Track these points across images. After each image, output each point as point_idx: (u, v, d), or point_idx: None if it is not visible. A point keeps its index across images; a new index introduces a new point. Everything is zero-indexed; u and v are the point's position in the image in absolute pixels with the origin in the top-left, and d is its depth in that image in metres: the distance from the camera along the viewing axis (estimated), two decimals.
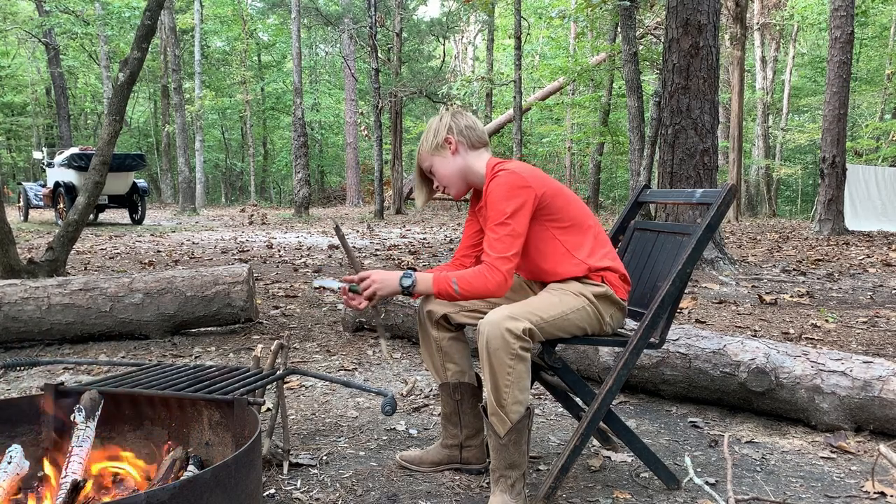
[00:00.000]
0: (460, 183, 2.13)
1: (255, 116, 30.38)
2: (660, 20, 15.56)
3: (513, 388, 1.82)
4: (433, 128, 2.15)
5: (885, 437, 2.46)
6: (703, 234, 2.01)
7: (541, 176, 2.02)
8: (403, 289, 1.97)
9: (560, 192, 2.03)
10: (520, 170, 1.98)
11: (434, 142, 2.12)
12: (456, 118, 2.14)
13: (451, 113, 2.17)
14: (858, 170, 14.88)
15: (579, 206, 2.06)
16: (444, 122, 2.13)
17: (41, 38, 22.50)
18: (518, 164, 2.03)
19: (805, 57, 28.29)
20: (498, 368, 1.80)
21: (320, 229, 13.25)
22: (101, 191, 5.64)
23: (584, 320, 1.97)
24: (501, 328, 1.79)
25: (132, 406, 1.97)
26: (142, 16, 5.71)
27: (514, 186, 1.93)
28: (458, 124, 2.12)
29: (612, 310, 2.03)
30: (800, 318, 4.56)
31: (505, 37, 29.99)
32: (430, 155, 2.13)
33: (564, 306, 1.94)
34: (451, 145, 2.10)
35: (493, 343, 1.79)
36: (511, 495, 1.88)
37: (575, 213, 2.04)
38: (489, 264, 1.91)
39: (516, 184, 1.94)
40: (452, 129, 2.11)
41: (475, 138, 2.13)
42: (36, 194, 14.96)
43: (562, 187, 2.06)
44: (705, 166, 6.66)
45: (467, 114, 2.17)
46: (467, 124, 2.13)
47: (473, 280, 1.91)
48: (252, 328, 4.34)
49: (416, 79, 20.13)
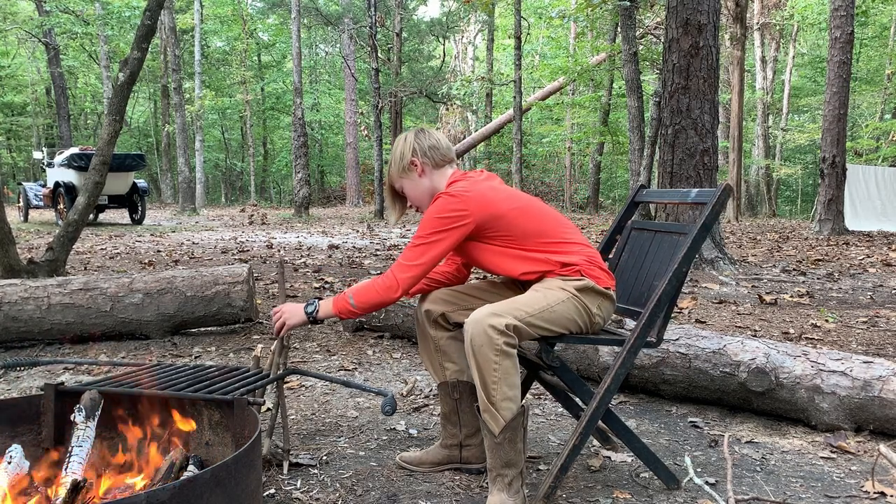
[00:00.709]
0: (430, 202, 2.14)
1: (255, 116, 30.37)
2: (660, 20, 15.56)
3: (501, 384, 1.83)
4: (399, 150, 2.17)
5: (885, 437, 2.46)
6: (698, 233, 2.02)
7: (487, 199, 2.01)
8: (308, 315, 2.06)
9: (509, 211, 2.01)
10: (465, 193, 2.00)
11: (401, 164, 2.16)
12: (419, 139, 2.16)
13: (415, 133, 2.19)
14: (858, 170, 14.88)
15: (537, 217, 2.06)
16: (409, 144, 2.15)
17: (41, 38, 22.50)
18: (467, 185, 2.04)
19: (805, 57, 28.29)
20: (484, 365, 1.82)
21: (320, 229, 13.25)
22: (101, 191, 5.64)
23: (572, 312, 1.97)
24: (484, 325, 1.82)
25: (132, 406, 1.97)
26: (142, 16, 5.71)
27: (447, 211, 1.98)
28: (422, 145, 2.15)
29: (599, 300, 2.02)
30: (800, 318, 4.56)
31: (505, 37, 29.98)
32: (399, 177, 2.18)
33: (548, 300, 1.95)
34: (417, 167, 2.15)
35: (477, 340, 1.82)
36: (509, 494, 1.88)
37: (527, 225, 2.03)
38: (389, 271, 2.01)
39: (451, 208, 1.98)
40: (416, 152, 2.14)
41: (439, 158, 2.15)
42: (36, 194, 14.95)
43: (514, 204, 2.04)
44: (705, 166, 6.66)
45: (431, 132, 2.20)
46: (431, 144, 2.15)
47: (367, 290, 1.99)
48: (252, 328, 4.34)
49: (416, 79, 20.14)
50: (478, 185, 2.05)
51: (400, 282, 1.98)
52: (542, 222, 2.06)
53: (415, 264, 1.98)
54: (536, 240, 2.03)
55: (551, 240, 2.04)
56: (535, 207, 2.09)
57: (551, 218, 2.10)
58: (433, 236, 1.98)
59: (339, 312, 2.02)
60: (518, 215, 2.03)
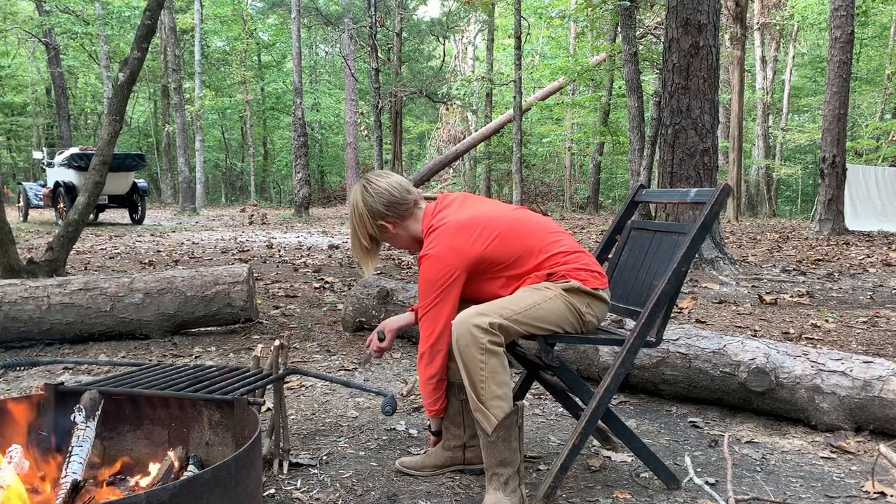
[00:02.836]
0: (415, 245, 2.18)
1: (255, 116, 30.35)
2: (660, 20, 15.56)
3: (488, 382, 1.84)
4: (357, 216, 2.13)
5: (885, 437, 2.46)
6: (697, 232, 2.02)
7: (466, 241, 1.98)
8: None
9: (490, 244, 1.99)
10: (445, 253, 1.97)
11: (368, 229, 2.13)
12: (371, 203, 2.09)
13: (363, 197, 2.10)
14: (858, 170, 14.87)
15: (519, 234, 2.03)
16: (362, 211, 2.10)
17: (41, 38, 22.48)
18: (441, 238, 2.00)
19: (805, 57, 28.27)
20: (470, 365, 1.84)
21: (320, 229, 13.25)
22: (101, 191, 5.64)
23: (560, 310, 1.97)
24: (469, 324, 1.84)
25: (132, 406, 1.97)
26: (142, 16, 5.71)
27: (436, 275, 1.98)
28: (378, 209, 2.09)
29: (587, 300, 2.02)
30: (800, 318, 4.56)
31: (505, 37, 29.96)
32: (372, 238, 2.17)
33: (534, 298, 1.96)
34: (390, 228, 2.13)
35: (462, 340, 1.83)
36: (505, 493, 1.88)
37: (515, 245, 2.02)
38: (422, 353, 2.07)
39: (438, 272, 1.98)
40: (378, 214, 2.10)
41: (403, 210, 2.12)
42: (36, 194, 14.95)
43: (493, 233, 2.00)
44: (705, 166, 6.66)
45: (379, 184, 2.10)
46: (387, 201, 2.09)
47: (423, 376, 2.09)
48: (252, 328, 4.34)
49: (416, 79, 20.12)
50: (448, 233, 2.00)
51: (437, 351, 2.03)
52: (523, 240, 2.03)
53: (437, 332, 2.01)
54: (523, 260, 2.03)
55: (538, 258, 2.03)
56: (514, 230, 2.03)
57: (532, 232, 2.06)
58: (435, 300, 2.00)
59: (433, 415, 2.17)
60: (497, 246, 2.01)
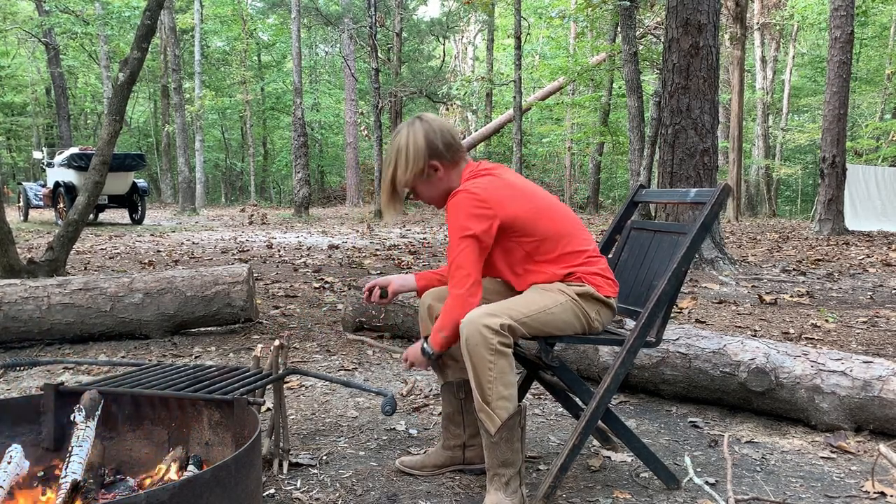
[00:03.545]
0: (445, 199, 2.06)
1: (255, 116, 30.37)
2: (660, 20, 15.56)
3: (496, 383, 1.83)
4: (410, 152, 1.99)
5: (885, 437, 2.46)
6: (697, 232, 2.02)
7: (506, 197, 1.95)
8: (428, 357, 2.02)
9: (526, 211, 1.96)
10: (482, 190, 1.93)
11: (415, 168, 2.00)
12: (433, 138, 1.99)
13: (424, 131, 2.00)
14: (858, 170, 14.88)
15: (552, 218, 2.01)
16: (420, 145, 1.99)
17: (41, 38, 22.48)
18: (485, 182, 1.97)
19: (805, 57, 28.28)
20: (479, 365, 1.82)
21: (320, 229, 13.25)
22: (101, 191, 5.64)
23: (569, 315, 1.96)
24: (479, 325, 1.81)
25: (132, 406, 1.97)
26: (142, 16, 5.71)
27: (472, 207, 1.91)
28: (438, 146, 1.99)
29: (598, 307, 2.02)
30: (800, 318, 4.56)
31: (505, 37, 29.98)
32: (412, 181, 2.03)
33: (545, 302, 1.94)
34: (441, 171, 2.03)
35: (472, 340, 1.81)
36: (506, 493, 1.88)
37: (546, 226, 1.99)
38: (449, 293, 1.94)
39: (475, 204, 1.91)
40: (435, 153, 2.00)
41: (457, 155, 2.04)
42: (36, 194, 14.95)
43: (531, 204, 1.98)
44: (705, 166, 6.66)
45: (441, 125, 2.02)
46: (446, 142, 2.01)
47: (447, 316, 1.93)
48: (252, 328, 4.34)
49: (416, 79, 20.13)
50: (490, 185, 1.96)
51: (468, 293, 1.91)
52: (556, 225, 2.00)
53: (468, 287, 1.90)
54: (550, 243, 1.98)
55: (563, 248, 1.99)
56: (550, 210, 2.01)
57: (565, 220, 2.03)
58: (465, 239, 1.90)
59: (440, 349, 1.99)
60: (533, 217, 1.96)
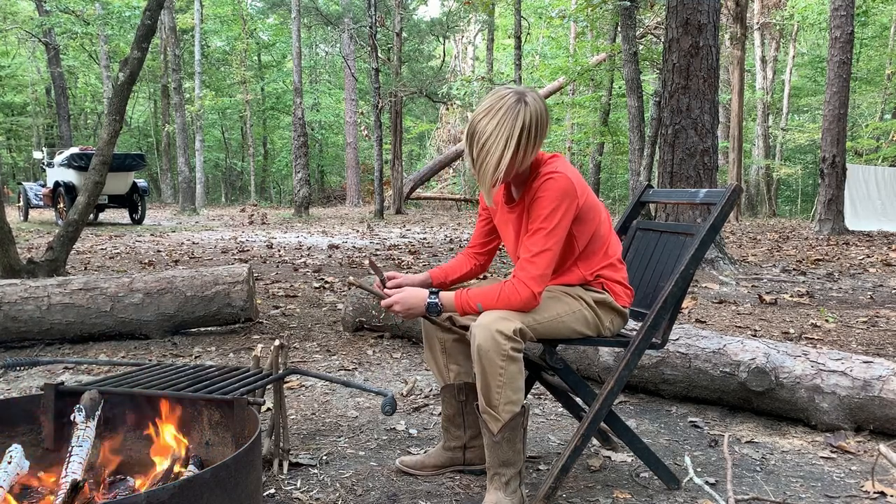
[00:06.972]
0: (520, 181, 1.97)
1: (255, 116, 30.37)
2: (660, 20, 15.55)
3: (505, 388, 1.82)
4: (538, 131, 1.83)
5: (885, 437, 2.46)
6: (706, 234, 2.00)
7: (582, 183, 1.91)
8: (430, 310, 1.93)
9: (589, 202, 1.93)
10: (570, 174, 1.87)
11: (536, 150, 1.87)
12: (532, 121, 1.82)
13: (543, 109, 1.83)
14: (858, 170, 14.87)
15: (600, 215, 1.98)
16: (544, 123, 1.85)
17: (41, 37, 22.48)
18: (564, 165, 1.91)
19: (805, 57, 28.27)
20: (489, 370, 1.80)
21: (320, 229, 13.24)
22: (101, 191, 5.64)
23: (581, 323, 1.95)
24: (492, 330, 1.78)
25: (132, 406, 1.97)
26: (142, 16, 5.71)
27: (561, 190, 1.83)
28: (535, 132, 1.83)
29: (612, 316, 2.02)
30: (800, 318, 4.56)
31: (505, 37, 29.97)
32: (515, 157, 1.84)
33: (560, 308, 1.93)
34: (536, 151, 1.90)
35: (485, 346, 1.78)
36: (506, 493, 1.88)
37: (596, 223, 1.95)
38: (520, 280, 1.84)
39: (567, 191, 1.84)
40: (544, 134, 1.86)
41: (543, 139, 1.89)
42: (36, 194, 14.95)
43: (591, 196, 1.96)
44: (705, 166, 6.66)
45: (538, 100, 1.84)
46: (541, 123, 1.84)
47: (500, 299, 1.84)
48: (252, 328, 4.33)
49: (416, 79, 20.11)
50: (571, 169, 1.90)
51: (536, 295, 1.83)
52: (598, 227, 1.96)
53: (540, 276, 1.83)
54: (593, 243, 1.96)
55: (600, 249, 1.97)
56: (596, 208, 1.97)
57: (607, 224, 2.00)
58: (554, 232, 1.83)
59: (459, 312, 1.91)
60: (586, 210, 1.91)
